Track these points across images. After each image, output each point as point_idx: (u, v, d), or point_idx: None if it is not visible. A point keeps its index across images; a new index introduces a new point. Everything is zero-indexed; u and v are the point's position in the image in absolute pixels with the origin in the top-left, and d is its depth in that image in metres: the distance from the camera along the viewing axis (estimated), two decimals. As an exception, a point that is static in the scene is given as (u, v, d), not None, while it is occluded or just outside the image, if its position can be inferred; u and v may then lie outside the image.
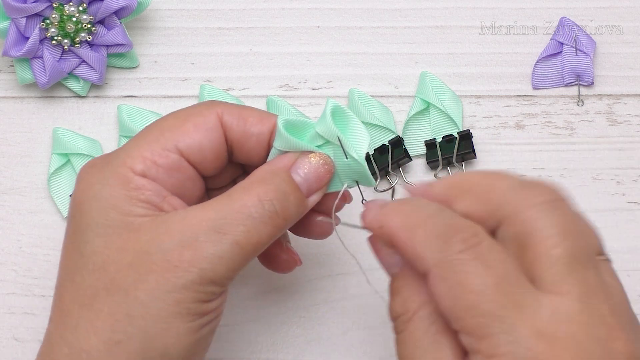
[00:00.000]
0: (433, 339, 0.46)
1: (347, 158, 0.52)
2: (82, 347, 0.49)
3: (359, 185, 0.54)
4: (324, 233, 0.56)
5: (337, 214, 0.55)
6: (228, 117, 0.53)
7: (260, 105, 0.68)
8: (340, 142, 0.51)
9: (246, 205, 0.50)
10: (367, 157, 0.66)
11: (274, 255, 0.57)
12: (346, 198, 0.55)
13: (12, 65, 0.69)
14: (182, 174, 0.52)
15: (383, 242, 0.49)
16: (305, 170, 0.52)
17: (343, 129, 0.52)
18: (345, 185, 0.53)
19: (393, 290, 0.49)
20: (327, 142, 0.52)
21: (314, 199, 0.53)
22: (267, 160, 0.54)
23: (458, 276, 0.44)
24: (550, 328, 0.43)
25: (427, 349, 0.46)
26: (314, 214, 0.55)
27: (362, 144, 0.52)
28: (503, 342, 0.42)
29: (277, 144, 0.53)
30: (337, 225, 0.55)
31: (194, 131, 0.52)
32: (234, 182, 0.57)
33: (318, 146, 0.53)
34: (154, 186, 0.51)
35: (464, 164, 0.67)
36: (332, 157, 0.53)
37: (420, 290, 0.47)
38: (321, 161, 0.52)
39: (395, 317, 0.48)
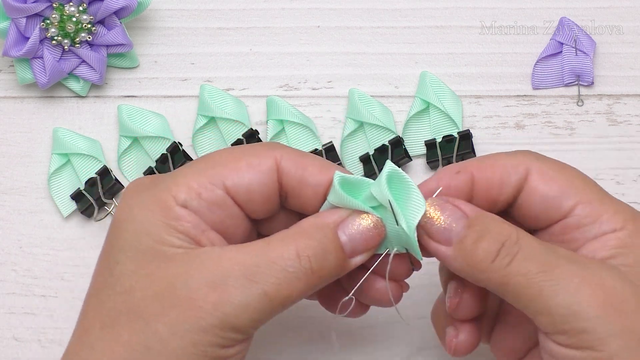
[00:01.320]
0: (547, 244, 0.50)
1: (397, 225, 0.49)
2: None
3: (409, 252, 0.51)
4: (383, 301, 0.53)
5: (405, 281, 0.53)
6: (286, 162, 0.51)
7: (260, 105, 0.68)
8: (391, 207, 0.49)
9: (282, 257, 0.48)
10: (367, 158, 0.66)
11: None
12: (414, 263, 0.52)
13: (12, 65, 0.69)
14: (224, 211, 0.51)
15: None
16: (353, 230, 0.50)
17: (398, 195, 0.50)
18: (391, 250, 0.51)
19: (477, 234, 0.49)
20: (380, 205, 0.50)
21: (357, 260, 0.50)
22: (320, 211, 0.51)
23: (561, 167, 0.52)
24: None
25: (554, 250, 0.49)
26: (378, 279, 0.52)
27: (415, 213, 0.49)
28: (620, 203, 0.51)
29: (331, 199, 0.51)
30: (405, 291, 0.53)
31: (245, 171, 0.51)
32: None
33: (372, 207, 0.50)
34: (194, 219, 0.50)
35: (464, 164, 0.67)
36: (389, 225, 0.50)
37: (504, 221, 0.50)
38: (372, 223, 0.50)
39: (499, 249, 0.49)
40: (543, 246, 0.49)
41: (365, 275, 0.51)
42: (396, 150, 0.66)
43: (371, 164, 0.66)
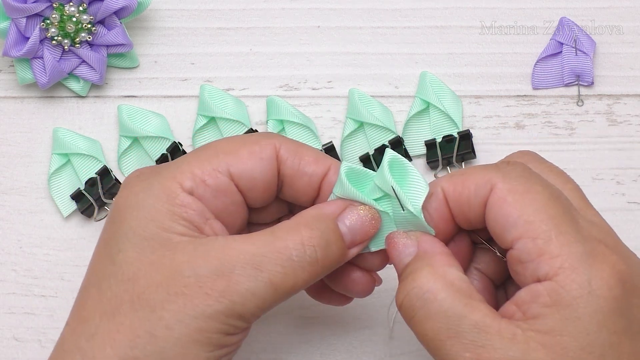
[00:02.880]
0: (465, 303, 0.47)
1: (403, 210, 0.50)
2: (96, 357, 0.48)
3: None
4: (360, 290, 0.54)
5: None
6: (284, 151, 0.52)
7: (260, 105, 0.68)
8: (395, 193, 0.50)
9: (288, 247, 0.49)
10: (367, 158, 0.66)
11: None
12: (389, 257, 0.53)
13: (12, 65, 0.69)
14: (228, 198, 0.51)
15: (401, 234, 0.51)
16: (352, 220, 0.51)
17: (400, 180, 0.51)
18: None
19: (404, 274, 0.49)
20: (386, 194, 0.51)
21: (354, 251, 0.51)
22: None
23: (526, 187, 0.48)
24: (598, 235, 0.48)
25: (462, 314, 0.47)
26: (354, 269, 0.53)
27: (419, 195, 0.50)
28: (572, 239, 0.47)
29: (337, 191, 0.51)
30: (378, 285, 0.54)
31: (248, 158, 0.51)
32: (278, 220, 0.55)
33: (377, 199, 0.51)
34: (199, 206, 0.50)
35: (464, 164, 0.67)
36: (390, 211, 0.51)
37: (436, 265, 0.48)
38: (369, 214, 0.51)
39: (403, 297, 0.48)
40: (454, 306, 0.47)
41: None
42: (396, 150, 0.66)
43: (371, 164, 0.66)
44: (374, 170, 0.51)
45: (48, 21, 0.66)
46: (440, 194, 0.50)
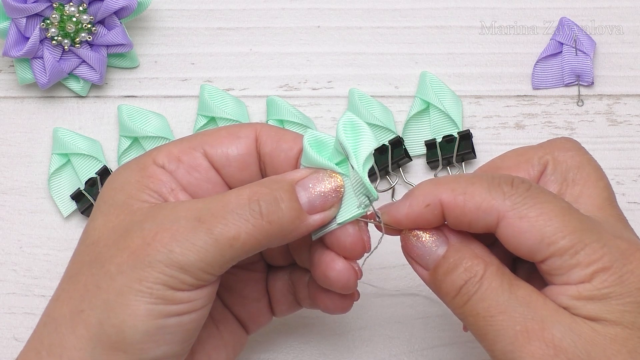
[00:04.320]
0: (511, 284, 0.48)
1: (353, 168, 0.50)
2: (53, 315, 0.50)
3: (373, 206, 0.51)
4: (346, 285, 0.53)
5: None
6: (264, 134, 0.53)
7: (260, 105, 0.68)
8: (343, 150, 0.50)
9: (231, 201, 0.49)
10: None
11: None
12: (366, 245, 0.52)
13: (12, 66, 0.69)
14: (202, 174, 0.52)
15: (416, 235, 0.51)
16: (310, 184, 0.51)
17: (354, 139, 0.50)
18: (361, 210, 0.51)
19: (449, 266, 0.49)
20: (344, 158, 0.51)
21: (316, 217, 0.51)
22: None
23: (538, 209, 0.48)
24: (622, 234, 0.50)
25: (510, 292, 0.48)
26: (335, 258, 0.52)
27: (365, 149, 0.50)
28: (598, 247, 0.47)
29: (303, 161, 0.52)
30: (359, 278, 0.53)
31: (224, 137, 0.53)
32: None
33: (337, 163, 0.51)
34: (167, 178, 0.52)
35: (464, 164, 0.67)
36: (349, 173, 0.51)
37: (480, 253, 0.50)
38: (330, 179, 0.51)
39: (461, 286, 0.49)
40: (503, 286, 0.48)
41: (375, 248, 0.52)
42: (396, 150, 0.66)
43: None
44: (374, 169, 0.51)
45: (48, 21, 0.66)
46: (438, 209, 0.50)
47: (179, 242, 0.48)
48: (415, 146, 0.68)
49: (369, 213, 0.51)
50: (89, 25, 0.66)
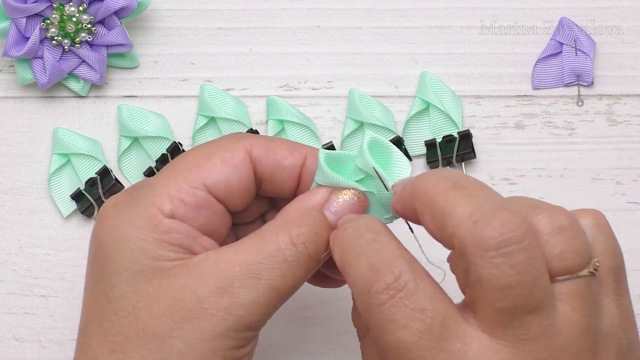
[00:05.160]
0: None
1: (388, 190, 0.50)
2: None
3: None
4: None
5: None
6: (257, 150, 0.51)
7: (260, 105, 0.68)
8: (377, 174, 0.50)
9: (280, 249, 0.48)
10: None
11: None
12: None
13: (12, 65, 0.69)
14: (210, 211, 0.50)
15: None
16: (337, 207, 0.50)
17: (383, 161, 0.50)
18: (391, 218, 0.51)
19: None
20: (368, 175, 0.51)
21: None
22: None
23: (383, 327, 0.44)
24: None
25: None
26: None
27: (402, 173, 0.50)
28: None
29: (318, 179, 0.51)
30: None
31: (220, 167, 0.51)
32: (261, 216, 0.55)
33: (359, 180, 0.51)
34: (184, 228, 0.49)
35: (464, 164, 0.67)
36: (375, 191, 0.51)
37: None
38: (355, 197, 0.51)
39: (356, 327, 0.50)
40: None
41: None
42: (396, 150, 0.66)
43: (371, 164, 0.66)
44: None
45: (48, 21, 0.66)
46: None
47: (243, 305, 0.48)
48: (415, 146, 0.68)
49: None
50: (89, 25, 0.66)
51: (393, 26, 0.70)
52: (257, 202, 0.54)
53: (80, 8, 0.66)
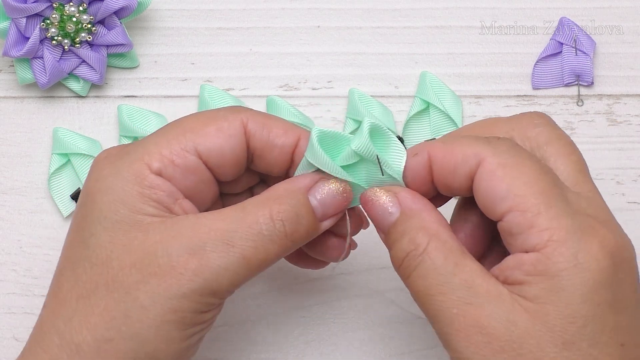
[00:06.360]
0: (456, 262, 0.48)
1: (383, 175, 0.51)
2: (74, 339, 0.49)
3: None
4: (337, 256, 0.55)
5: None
6: (252, 125, 0.52)
7: (261, 105, 0.68)
8: (378, 161, 0.50)
9: (258, 222, 0.49)
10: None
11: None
12: (363, 222, 0.54)
13: (12, 65, 0.69)
14: (197, 176, 0.51)
15: (378, 192, 0.51)
16: (323, 195, 0.51)
17: (381, 147, 0.51)
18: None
19: (397, 235, 0.49)
20: (362, 159, 0.51)
21: (326, 224, 0.52)
22: (297, 169, 0.52)
23: (516, 161, 0.48)
24: (593, 213, 0.48)
25: (453, 272, 0.47)
26: (330, 236, 0.54)
27: (399, 160, 0.51)
28: (562, 215, 0.47)
29: (309, 156, 0.51)
30: (354, 249, 0.55)
31: (215, 135, 0.51)
32: (249, 190, 0.56)
33: (351, 164, 0.52)
34: (168, 187, 0.50)
35: (464, 164, 0.67)
36: (364, 175, 0.52)
37: (428, 225, 0.49)
38: (340, 188, 0.51)
39: (404, 258, 0.49)
40: (447, 265, 0.48)
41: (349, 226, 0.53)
42: (396, 150, 0.66)
43: (371, 164, 0.66)
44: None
45: (48, 21, 0.66)
46: (425, 157, 0.50)
47: (212, 269, 0.48)
48: (415, 146, 0.68)
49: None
50: (89, 25, 0.66)
51: (393, 26, 0.70)
52: (247, 175, 0.55)
53: (80, 8, 0.66)
